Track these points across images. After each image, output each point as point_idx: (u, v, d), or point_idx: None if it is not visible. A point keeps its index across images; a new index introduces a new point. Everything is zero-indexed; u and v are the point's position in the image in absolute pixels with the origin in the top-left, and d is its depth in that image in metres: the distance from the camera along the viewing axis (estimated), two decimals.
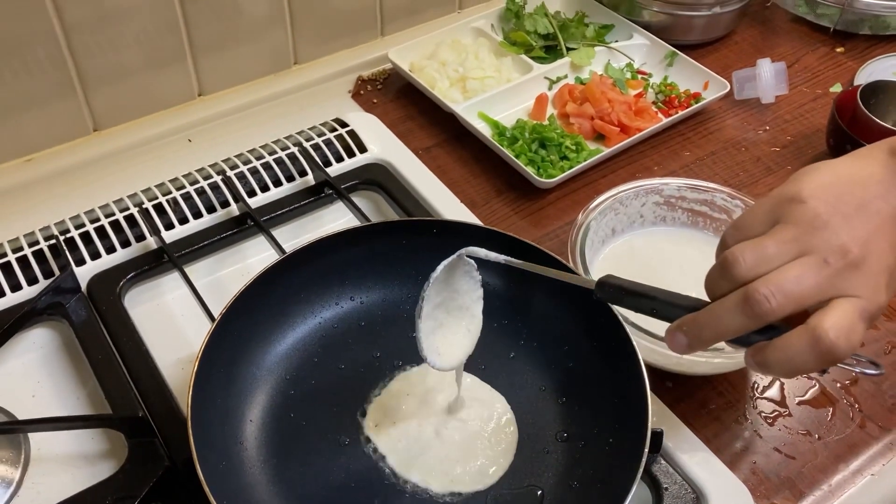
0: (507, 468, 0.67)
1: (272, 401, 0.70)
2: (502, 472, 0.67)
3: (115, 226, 0.86)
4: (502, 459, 0.67)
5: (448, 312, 0.66)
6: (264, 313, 0.72)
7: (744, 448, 0.75)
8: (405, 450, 0.67)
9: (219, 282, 0.87)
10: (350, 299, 0.77)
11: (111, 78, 0.96)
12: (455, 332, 0.67)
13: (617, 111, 1.02)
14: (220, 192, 0.90)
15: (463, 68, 1.08)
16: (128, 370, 0.75)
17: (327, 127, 0.99)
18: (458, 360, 0.66)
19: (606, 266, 0.83)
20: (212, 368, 0.66)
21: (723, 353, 0.71)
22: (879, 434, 0.76)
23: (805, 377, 0.80)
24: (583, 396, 0.71)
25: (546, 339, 0.75)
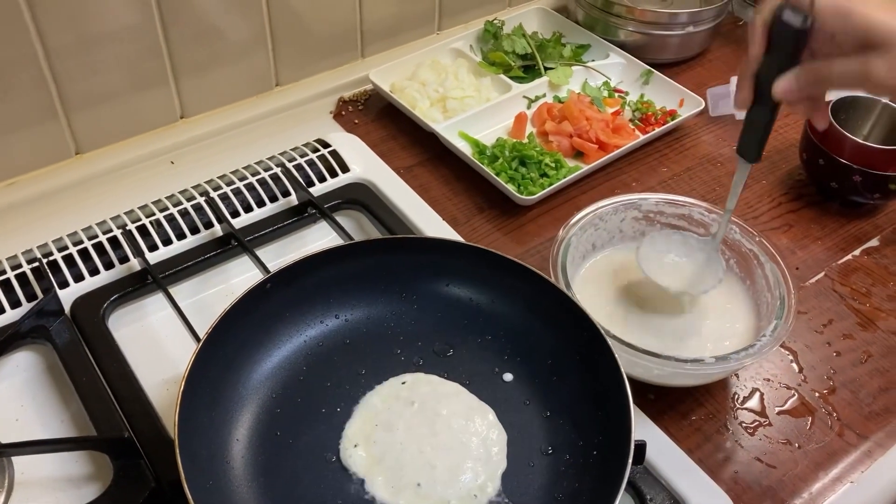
0: (494, 485, 0.67)
1: (258, 419, 0.70)
2: (489, 489, 0.67)
3: (98, 248, 0.86)
4: (489, 476, 0.68)
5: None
6: (249, 333, 0.72)
7: (726, 458, 0.76)
8: (389, 469, 0.67)
9: (203, 302, 0.87)
10: (335, 317, 0.77)
11: (93, 101, 0.97)
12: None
13: (595, 129, 1.04)
14: (204, 214, 0.91)
15: (443, 88, 1.09)
16: (112, 392, 0.75)
17: (310, 147, 1.00)
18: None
19: (587, 281, 0.84)
20: (198, 388, 0.66)
21: (703, 363, 0.72)
22: (857, 442, 0.77)
23: (784, 387, 0.81)
24: (567, 410, 0.72)
25: (530, 353, 0.75)
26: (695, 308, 0.82)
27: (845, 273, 0.93)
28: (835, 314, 0.89)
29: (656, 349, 0.74)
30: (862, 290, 0.91)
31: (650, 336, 0.80)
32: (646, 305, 0.83)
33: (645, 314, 0.82)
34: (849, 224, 0.99)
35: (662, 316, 0.82)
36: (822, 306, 0.89)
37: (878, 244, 0.96)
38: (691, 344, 0.79)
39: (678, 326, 0.81)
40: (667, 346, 0.79)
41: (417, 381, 0.73)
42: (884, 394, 0.81)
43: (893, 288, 0.91)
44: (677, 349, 0.79)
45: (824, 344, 0.86)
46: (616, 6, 1.17)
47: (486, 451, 0.69)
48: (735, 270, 0.85)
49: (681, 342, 0.79)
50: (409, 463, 0.67)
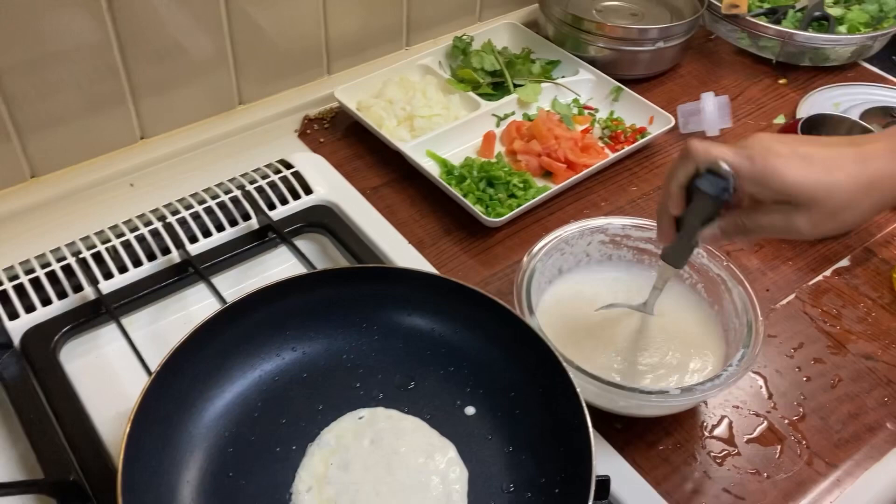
0: None
1: (210, 459, 0.68)
2: None
3: (51, 277, 0.84)
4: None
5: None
6: (202, 368, 0.70)
7: (694, 490, 0.74)
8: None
9: (160, 331, 0.85)
10: (292, 350, 0.75)
11: (48, 122, 0.94)
12: None
13: (563, 148, 1.02)
14: (161, 239, 0.88)
15: (410, 106, 1.07)
16: (62, 430, 0.73)
17: (272, 169, 0.97)
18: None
19: (554, 308, 0.83)
20: (146, 427, 0.64)
21: (668, 395, 0.71)
22: (826, 471, 0.76)
23: (753, 414, 0.80)
24: (529, 445, 0.70)
25: (493, 385, 0.73)
26: (664, 335, 0.81)
27: (816, 294, 0.92)
28: (805, 337, 0.87)
29: (626, 377, 0.72)
30: (832, 312, 0.90)
31: (619, 362, 0.78)
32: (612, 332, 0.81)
33: (614, 341, 0.80)
34: (819, 244, 0.98)
35: (630, 343, 0.80)
36: (793, 329, 0.88)
37: (849, 264, 0.95)
38: (661, 372, 0.77)
39: (648, 353, 0.79)
40: (637, 373, 0.77)
41: (375, 416, 0.71)
42: (853, 420, 0.80)
43: (863, 309, 0.90)
44: (647, 376, 0.77)
45: (794, 369, 0.84)
46: (586, 22, 1.16)
47: (447, 491, 0.67)
48: (703, 295, 0.83)
49: (651, 370, 0.78)
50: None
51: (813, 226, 0.62)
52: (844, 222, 0.63)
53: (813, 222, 0.62)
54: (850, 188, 0.61)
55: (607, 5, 1.24)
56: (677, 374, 0.77)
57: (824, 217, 0.62)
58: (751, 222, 0.65)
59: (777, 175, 0.61)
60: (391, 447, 0.68)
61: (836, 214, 0.62)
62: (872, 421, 0.80)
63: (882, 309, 0.90)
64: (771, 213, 0.64)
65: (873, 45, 1.22)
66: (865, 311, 0.90)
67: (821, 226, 0.62)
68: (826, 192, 0.61)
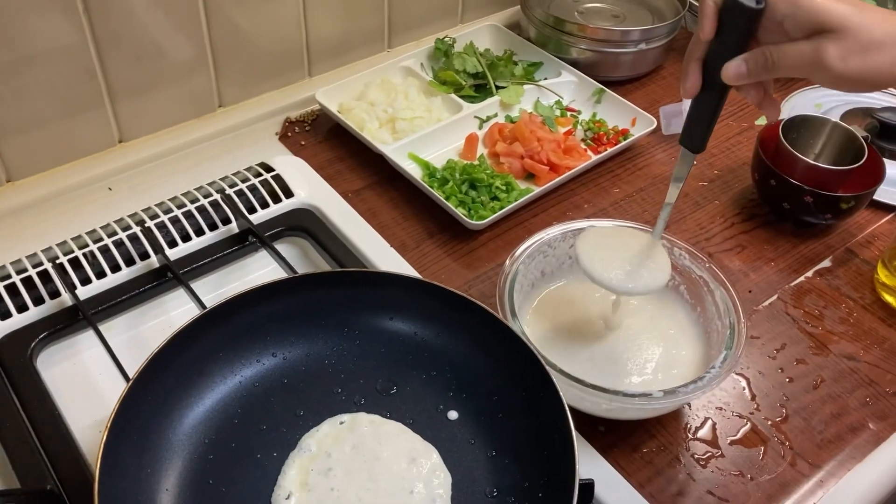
0: None
1: (190, 467, 0.67)
2: None
3: (27, 282, 0.83)
4: None
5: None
6: (181, 375, 0.69)
7: (678, 492, 0.74)
8: None
9: (139, 337, 0.84)
10: (272, 355, 0.74)
11: (24, 126, 0.93)
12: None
13: (546, 150, 1.02)
14: (140, 244, 0.87)
15: (392, 109, 1.07)
16: (38, 438, 0.71)
17: (252, 172, 0.96)
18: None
19: (537, 311, 0.82)
20: (124, 435, 0.63)
21: (651, 398, 0.71)
22: (810, 472, 0.76)
23: (736, 416, 0.80)
24: (512, 449, 0.69)
25: (476, 389, 0.73)
26: (646, 337, 0.81)
27: (798, 295, 0.92)
28: (788, 338, 0.87)
29: (610, 379, 0.72)
30: (815, 313, 0.90)
31: (603, 365, 0.78)
32: (597, 333, 0.81)
33: (597, 343, 0.80)
34: (801, 245, 0.98)
35: (614, 345, 0.80)
36: (776, 330, 0.88)
37: (831, 265, 0.96)
38: (645, 375, 0.77)
39: (631, 356, 0.79)
40: (621, 375, 0.77)
41: (357, 421, 0.70)
42: (835, 420, 0.80)
43: (845, 310, 0.91)
44: (629, 379, 0.77)
45: (777, 370, 0.84)
46: (568, 24, 1.15)
47: (430, 496, 0.66)
48: (685, 297, 0.83)
49: (635, 372, 0.77)
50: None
51: (842, 58, 0.60)
52: (871, 67, 0.61)
53: (842, 54, 0.60)
54: (884, 25, 0.60)
55: (589, 7, 1.24)
56: (660, 377, 0.77)
57: (854, 51, 0.60)
58: (778, 54, 0.62)
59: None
60: (373, 452, 0.68)
61: (865, 51, 0.60)
62: (855, 421, 0.80)
63: (863, 309, 0.90)
64: (800, 44, 0.61)
65: None
66: (847, 312, 0.90)
67: (849, 61, 0.60)
68: (859, 22, 0.60)
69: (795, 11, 0.61)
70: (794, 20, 0.61)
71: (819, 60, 0.61)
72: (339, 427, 0.70)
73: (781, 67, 0.63)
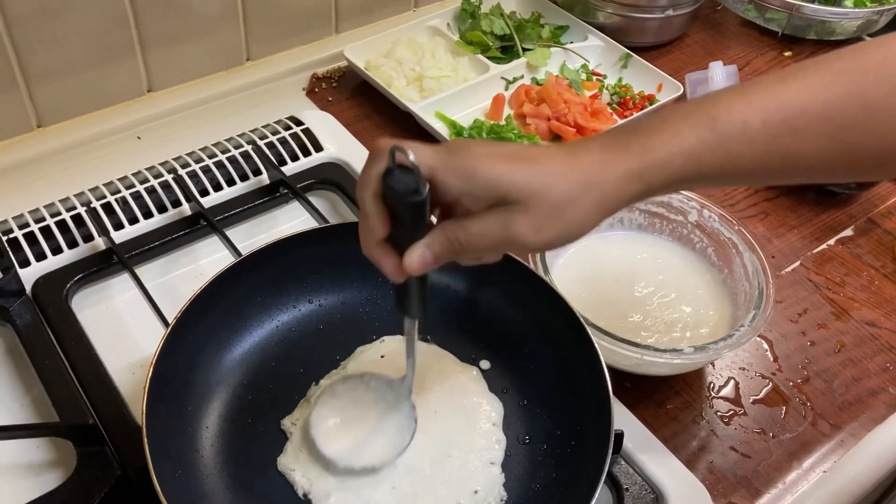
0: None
1: (229, 407, 0.68)
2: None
3: (61, 225, 0.83)
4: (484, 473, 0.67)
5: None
6: (220, 317, 0.70)
7: (701, 447, 0.76)
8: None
9: (170, 284, 0.85)
10: (308, 302, 0.75)
11: (56, 73, 0.93)
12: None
13: (573, 112, 1.02)
14: (172, 192, 0.88)
15: (419, 67, 1.07)
16: (76, 376, 0.72)
17: (282, 125, 0.97)
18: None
19: (566, 268, 0.83)
20: (167, 374, 0.64)
21: (682, 353, 0.72)
22: (831, 432, 0.78)
23: (759, 376, 0.81)
24: (544, 399, 0.71)
25: (508, 341, 0.74)
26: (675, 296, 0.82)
27: (820, 262, 0.93)
28: (810, 304, 0.89)
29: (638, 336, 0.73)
30: (836, 280, 0.91)
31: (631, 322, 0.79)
32: (625, 292, 0.82)
33: (625, 300, 0.81)
34: (824, 213, 0.99)
35: (642, 302, 0.81)
36: (798, 295, 0.89)
37: (853, 234, 0.97)
38: (675, 333, 0.78)
39: (660, 314, 0.80)
40: (648, 332, 0.78)
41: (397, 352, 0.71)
42: (856, 384, 0.82)
43: (867, 278, 0.92)
44: (657, 336, 0.78)
45: (799, 333, 0.86)
46: None
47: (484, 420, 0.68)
48: (713, 259, 0.84)
49: (664, 330, 0.79)
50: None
51: (535, 230, 0.51)
52: (568, 225, 0.52)
53: (534, 226, 0.51)
54: (567, 179, 0.51)
55: None
56: (689, 335, 0.78)
57: (545, 217, 0.51)
58: (464, 234, 0.52)
59: (483, 169, 0.51)
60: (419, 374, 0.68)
61: (557, 213, 0.51)
62: (875, 385, 0.81)
63: (885, 278, 0.92)
64: (485, 219, 0.52)
65: (879, 20, 1.23)
66: (868, 280, 0.92)
67: (544, 229, 0.51)
68: (541, 185, 0.51)
69: (471, 188, 0.51)
70: (472, 197, 0.52)
71: (511, 238, 0.52)
72: (380, 360, 0.71)
73: (471, 248, 0.53)
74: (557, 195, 0.51)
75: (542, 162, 0.52)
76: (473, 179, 0.51)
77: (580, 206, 0.52)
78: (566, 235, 0.52)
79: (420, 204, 0.51)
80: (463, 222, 0.52)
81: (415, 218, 0.52)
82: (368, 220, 0.53)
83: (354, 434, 0.65)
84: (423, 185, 0.50)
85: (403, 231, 0.53)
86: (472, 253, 0.54)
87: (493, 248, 0.53)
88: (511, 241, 0.52)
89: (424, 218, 0.52)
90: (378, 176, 0.52)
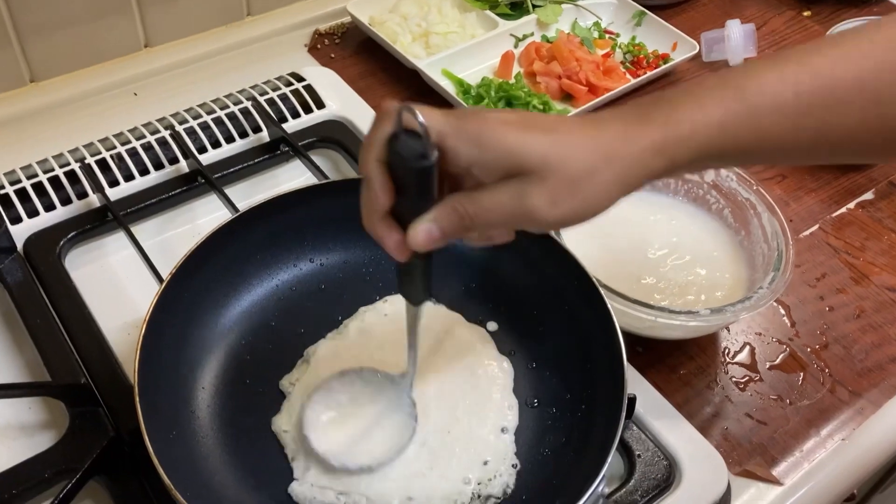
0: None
1: (226, 367, 0.66)
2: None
3: (54, 182, 0.81)
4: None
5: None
6: (217, 274, 0.67)
7: (715, 414, 0.73)
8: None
9: (167, 243, 0.82)
10: (309, 261, 0.73)
11: (50, 26, 0.90)
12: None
13: (585, 70, 0.99)
14: (169, 148, 0.85)
15: (426, 23, 1.03)
16: (68, 335, 0.70)
17: (283, 81, 0.93)
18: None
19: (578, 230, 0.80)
20: (161, 331, 0.61)
21: (698, 315, 0.69)
22: (849, 399, 0.75)
23: (776, 341, 0.79)
24: (554, 361, 0.68)
25: (516, 301, 0.71)
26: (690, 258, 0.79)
27: (839, 226, 0.90)
28: (828, 268, 0.86)
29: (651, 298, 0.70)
30: (856, 244, 0.88)
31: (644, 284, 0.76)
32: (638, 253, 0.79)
33: (638, 262, 0.78)
34: (843, 177, 0.95)
35: (656, 264, 0.78)
36: (816, 259, 0.86)
37: (873, 197, 0.93)
38: (689, 297, 0.76)
39: (674, 275, 0.77)
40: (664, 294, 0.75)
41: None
42: (876, 350, 0.79)
43: (887, 242, 0.89)
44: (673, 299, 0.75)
45: (817, 298, 0.83)
46: None
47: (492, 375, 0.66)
48: (729, 220, 0.81)
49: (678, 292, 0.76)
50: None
51: (551, 203, 0.47)
52: (587, 199, 0.48)
53: (550, 199, 0.47)
54: (587, 150, 0.48)
55: None
56: (703, 297, 0.75)
57: (562, 190, 0.47)
58: (473, 207, 0.48)
59: (497, 136, 0.47)
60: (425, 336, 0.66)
61: (576, 186, 0.48)
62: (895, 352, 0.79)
63: None
64: (498, 191, 0.48)
65: None
66: (889, 245, 0.88)
67: (560, 203, 0.48)
68: (559, 155, 0.47)
69: (483, 156, 0.47)
70: (484, 167, 0.48)
71: (525, 212, 0.48)
72: (384, 318, 0.68)
73: (481, 223, 0.49)
74: (576, 167, 0.47)
75: (560, 131, 0.48)
76: (486, 147, 0.47)
77: (600, 180, 0.48)
78: (583, 211, 0.49)
79: (427, 170, 0.47)
80: (473, 194, 0.48)
81: (421, 188, 0.48)
82: (371, 188, 0.49)
83: (350, 432, 0.61)
84: (431, 151, 0.46)
85: (409, 203, 0.49)
86: (483, 228, 0.50)
87: (505, 222, 0.50)
88: (525, 215, 0.48)
89: (432, 188, 0.48)
90: (383, 140, 0.48)
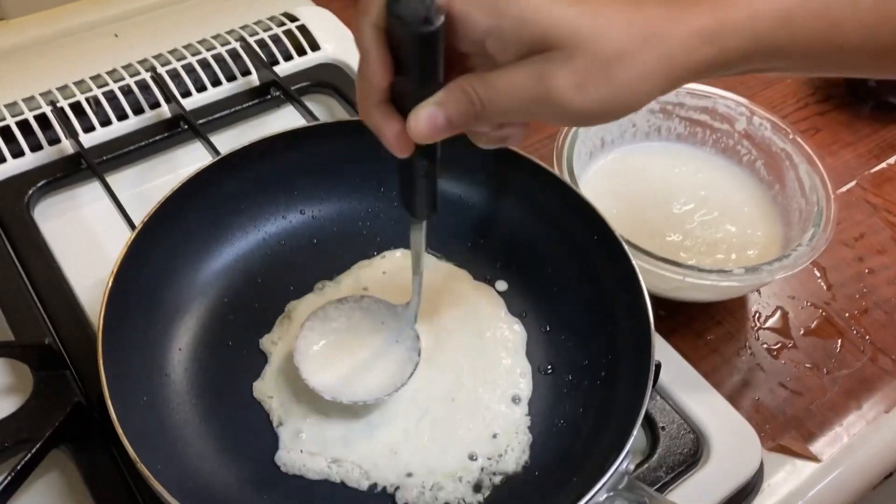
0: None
1: (206, 327, 0.59)
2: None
3: (23, 126, 0.74)
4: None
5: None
6: (196, 223, 0.61)
7: (745, 383, 0.67)
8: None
9: (145, 194, 0.75)
10: (300, 213, 0.66)
11: None
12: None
13: None
14: (150, 92, 0.78)
15: None
16: (35, 291, 0.64)
17: (274, 21, 0.86)
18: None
19: (596, 183, 0.73)
20: (131, 285, 0.55)
21: (731, 275, 0.62)
22: (893, 368, 0.68)
23: (811, 305, 0.72)
24: (569, 324, 0.61)
25: (528, 259, 0.65)
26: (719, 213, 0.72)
27: (878, 183, 0.83)
28: (867, 227, 0.79)
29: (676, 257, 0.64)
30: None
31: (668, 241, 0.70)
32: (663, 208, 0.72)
33: (661, 218, 0.71)
34: (882, 129, 0.88)
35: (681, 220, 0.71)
36: (854, 218, 0.79)
37: None
38: (718, 255, 0.69)
39: (702, 233, 0.70)
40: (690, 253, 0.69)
41: None
42: None
43: None
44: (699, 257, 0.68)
45: (856, 259, 0.76)
46: None
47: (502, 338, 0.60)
48: (762, 173, 0.74)
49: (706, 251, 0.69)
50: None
51: (578, 87, 0.39)
52: (621, 86, 0.40)
53: (577, 81, 0.39)
54: (624, 26, 0.40)
55: None
56: (734, 256, 0.69)
57: (593, 71, 0.39)
58: (486, 89, 0.41)
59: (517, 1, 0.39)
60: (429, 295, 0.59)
61: (609, 68, 0.39)
62: None
63: None
64: (515, 71, 0.40)
65: None
66: None
67: (589, 87, 0.39)
68: (591, 28, 0.39)
69: (499, 24, 0.39)
70: (500, 39, 0.40)
71: (547, 96, 0.40)
72: (383, 276, 0.62)
73: (494, 111, 0.41)
74: (610, 44, 0.39)
75: (593, 2, 0.40)
76: (504, 14, 0.39)
77: (638, 64, 0.40)
78: (615, 101, 0.40)
79: (431, 37, 0.39)
80: (485, 75, 0.40)
81: (424, 62, 0.40)
82: (367, 63, 0.41)
83: (346, 364, 0.56)
84: (436, 14, 0.38)
85: (410, 84, 0.41)
86: (495, 116, 0.41)
87: (521, 110, 0.41)
88: (546, 100, 0.40)
89: (437, 64, 0.41)
90: (383, 4, 0.39)
